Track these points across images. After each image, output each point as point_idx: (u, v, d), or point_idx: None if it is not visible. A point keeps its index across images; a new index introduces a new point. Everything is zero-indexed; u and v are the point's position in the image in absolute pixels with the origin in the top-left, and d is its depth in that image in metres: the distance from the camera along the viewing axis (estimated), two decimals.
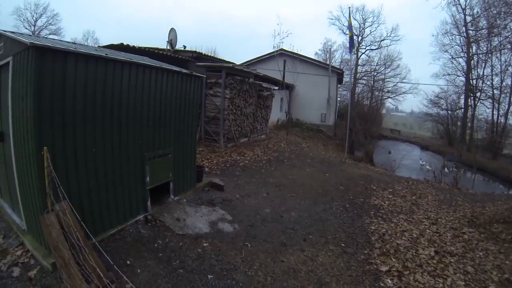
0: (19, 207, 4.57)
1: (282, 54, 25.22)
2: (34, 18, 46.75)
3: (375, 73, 46.09)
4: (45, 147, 3.58)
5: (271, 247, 5.25)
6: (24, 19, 46.03)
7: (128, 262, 4.25)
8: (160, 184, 5.92)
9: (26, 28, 45.27)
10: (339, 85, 33.79)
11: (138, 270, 4.13)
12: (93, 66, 4.17)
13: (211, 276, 4.22)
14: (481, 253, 5.65)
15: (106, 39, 67.12)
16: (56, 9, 52.29)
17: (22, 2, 53.15)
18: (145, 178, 5.41)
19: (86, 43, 46.32)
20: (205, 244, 5.03)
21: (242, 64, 23.58)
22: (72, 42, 6.15)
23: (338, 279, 4.55)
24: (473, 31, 34.56)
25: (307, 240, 5.70)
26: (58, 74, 3.75)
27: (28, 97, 3.68)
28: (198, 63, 13.15)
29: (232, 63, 15.78)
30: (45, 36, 36.22)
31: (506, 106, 32.46)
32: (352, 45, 16.08)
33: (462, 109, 37.15)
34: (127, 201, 5.08)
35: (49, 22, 47.83)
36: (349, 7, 29.11)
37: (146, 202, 5.53)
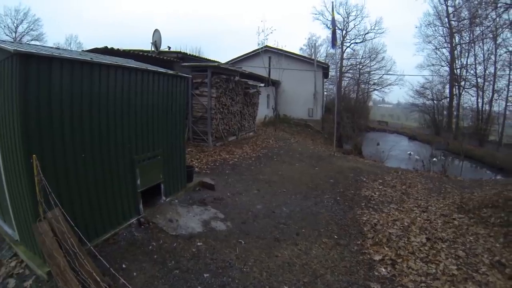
0: (10, 217, 4.53)
1: (267, 51, 25.28)
2: (15, 24, 45.77)
3: (361, 66, 46.30)
4: (34, 155, 3.55)
5: (264, 243, 5.30)
6: (4, 26, 45.04)
7: (123, 265, 4.25)
8: (151, 186, 5.91)
9: (7, 35, 44.28)
10: (325, 80, 33.90)
11: (134, 273, 4.13)
12: (78, 71, 4.14)
13: (207, 275, 4.24)
14: (471, 238, 5.77)
15: (89, 43, 66.48)
16: (37, 14, 51.18)
17: (1, 9, 52.16)
18: (136, 181, 5.40)
19: (69, 48, 45.69)
20: (199, 244, 5.04)
21: (227, 63, 23.55)
22: (55, 48, 6.10)
23: (332, 270, 4.61)
24: (456, 22, 34.93)
25: (300, 234, 5.75)
26: (43, 80, 3.72)
27: (14, 105, 3.64)
28: (184, 64, 13.11)
29: (217, 62, 15.73)
30: (28, 42, 35.72)
31: (490, 94, 33.17)
32: (335, 40, 16.07)
33: (448, 99, 37.68)
34: (119, 205, 5.06)
35: (31, 27, 46.84)
36: (332, 2, 29.14)
37: (138, 205, 5.51)
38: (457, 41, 35.95)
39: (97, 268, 3.57)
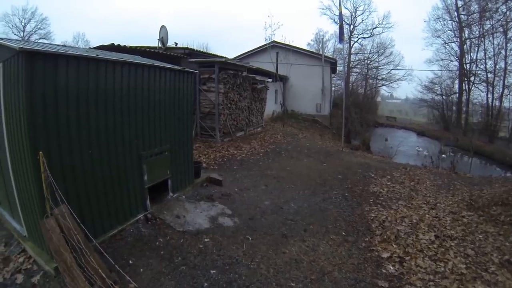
0: (18, 213, 4.56)
1: (274, 46, 25.15)
2: (23, 24, 46.19)
3: (369, 61, 45.84)
4: (40, 152, 3.56)
5: (272, 239, 5.28)
6: (12, 25, 45.47)
7: (130, 261, 4.26)
8: (158, 182, 5.92)
9: (15, 34, 44.68)
10: (333, 75, 33.71)
11: (141, 269, 4.14)
12: (84, 67, 4.14)
13: (214, 271, 4.23)
14: (480, 236, 5.69)
15: (96, 41, 66.58)
16: (45, 13, 51.38)
17: (9, 8, 52.47)
18: (143, 177, 5.41)
19: (77, 46, 45.92)
20: (206, 240, 5.04)
21: (235, 58, 23.53)
22: (62, 45, 6.11)
23: (340, 267, 4.58)
24: (465, 16, 34.51)
25: (307, 230, 5.72)
26: (49, 77, 3.72)
27: (20, 103, 3.66)
28: (191, 59, 13.10)
29: (225, 57, 15.70)
30: (35, 41, 35.95)
31: (500, 89, 32.63)
32: (342, 35, 15.92)
33: (457, 94, 37.22)
34: (126, 201, 5.07)
35: (38, 26, 47.28)
36: None
37: (145, 201, 5.52)
38: (466, 35, 35.45)
39: (103, 264, 3.58)
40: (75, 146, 4.11)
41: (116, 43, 10.57)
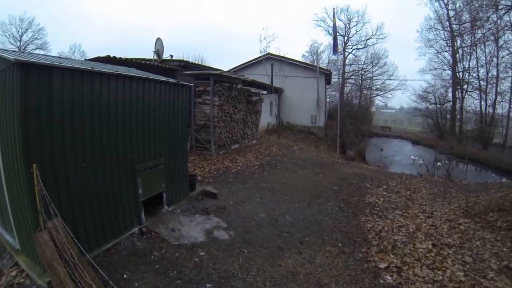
0: (11, 226, 4.52)
1: (269, 58, 25.29)
2: (20, 33, 46.16)
3: (363, 72, 46.23)
4: (34, 164, 3.54)
5: (268, 252, 5.24)
6: (9, 35, 45.40)
7: (125, 276, 4.21)
8: (153, 196, 5.88)
9: (11, 44, 44.71)
10: (327, 86, 33.86)
11: (136, 284, 4.09)
12: (79, 80, 4.14)
13: (209, 285, 4.19)
14: (478, 243, 5.68)
15: (93, 52, 66.71)
16: (41, 23, 51.45)
17: (6, 17, 52.61)
18: (138, 190, 5.37)
19: (73, 57, 45.99)
20: (201, 253, 5.00)
21: (229, 71, 23.59)
22: (57, 57, 6.11)
23: (337, 279, 4.54)
24: (457, 25, 34.89)
25: (303, 242, 5.69)
26: (44, 90, 3.73)
27: (14, 114, 3.65)
28: (186, 72, 13.13)
29: (220, 70, 15.75)
30: (31, 51, 35.91)
31: (493, 96, 33.01)
32: (336, 46, 16.05)
33: (451, 102, 37.58)
34: (120, 215, 5.03)
35: (35, 36, 47.22)
36: (333, 8, 29.04)
37: (140, 214, 5.48)
38: (458, 44, 35.99)
39: (97, 279, 3.52)
40: (69, 158, 4.09)
41: (112, 55, 10.57)
